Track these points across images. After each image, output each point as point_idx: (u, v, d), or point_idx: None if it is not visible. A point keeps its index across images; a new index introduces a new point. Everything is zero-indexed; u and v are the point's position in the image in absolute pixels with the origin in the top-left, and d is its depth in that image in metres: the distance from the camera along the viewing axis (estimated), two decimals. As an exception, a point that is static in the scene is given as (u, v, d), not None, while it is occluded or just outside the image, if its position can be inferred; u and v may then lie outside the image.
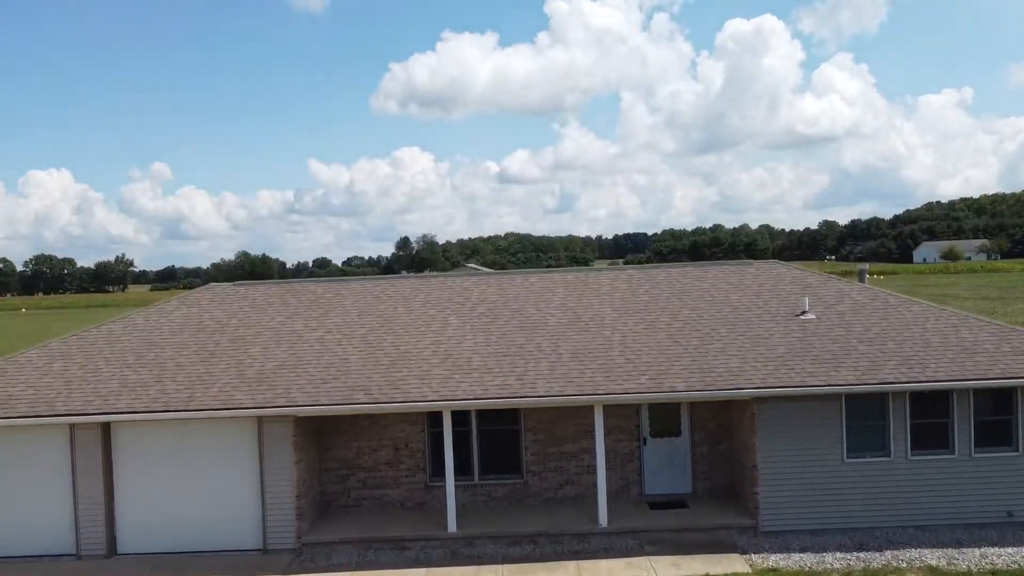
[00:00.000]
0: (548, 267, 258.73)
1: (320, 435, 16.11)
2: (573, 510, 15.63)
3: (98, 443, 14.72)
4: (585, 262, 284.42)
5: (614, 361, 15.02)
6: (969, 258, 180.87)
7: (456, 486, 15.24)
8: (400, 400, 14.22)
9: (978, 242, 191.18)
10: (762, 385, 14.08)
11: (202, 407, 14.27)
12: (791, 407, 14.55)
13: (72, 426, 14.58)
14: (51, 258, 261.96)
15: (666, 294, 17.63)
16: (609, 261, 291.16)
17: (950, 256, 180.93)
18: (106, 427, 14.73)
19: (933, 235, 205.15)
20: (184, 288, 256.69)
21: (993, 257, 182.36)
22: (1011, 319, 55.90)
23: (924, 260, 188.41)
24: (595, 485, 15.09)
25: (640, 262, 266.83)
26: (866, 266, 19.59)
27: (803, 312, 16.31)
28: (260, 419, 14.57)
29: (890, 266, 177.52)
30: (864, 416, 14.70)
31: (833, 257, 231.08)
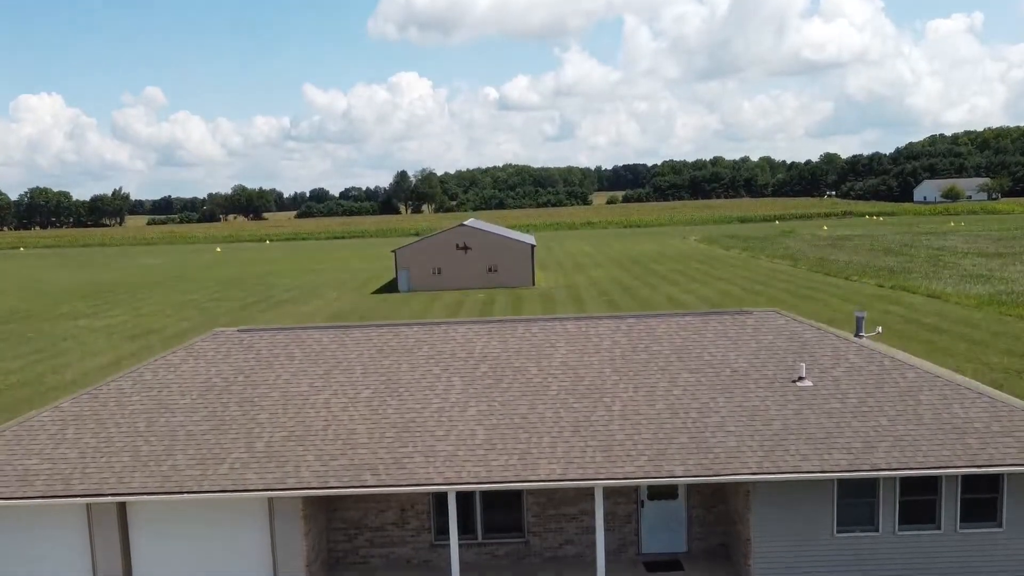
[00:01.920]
0: (547, 203, 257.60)
1: (329, 497, 16.62)
2: (573, 571, 16.28)
3: (114, 517, 15.25)
4: (584, 197, 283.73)
5: (614, 437, 15.42)
6: (970, 197, 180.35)
7: (460, 544, 15.89)
8: (406, 483, 14.66)
9: (979, 181, 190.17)
10: (758, 471, 14.51)
11: (214, 488, 14.71)
12: (785, 486, 15.03)
13: (89, 505, 15.07)
14: (47, 191, 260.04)
15: (666, 351, 17.91)
16: (608, 195, 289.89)
17: (951, 195, 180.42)
18: (122, 503, 15.22)
19: (935, 172, 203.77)
20: (181, 222, 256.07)
21: (994, 196, 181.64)
22: (1008, 285, 56.32)
23: (924, 199, 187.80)
24: (595, 545, 15.72)
25: (639, 198, 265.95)
26: (864, 313, 19.79)
27: (800, 378, 16.63)
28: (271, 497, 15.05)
29: (890, 206, 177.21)
30: (855, 493, 15.21)
31: (834, 193, 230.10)
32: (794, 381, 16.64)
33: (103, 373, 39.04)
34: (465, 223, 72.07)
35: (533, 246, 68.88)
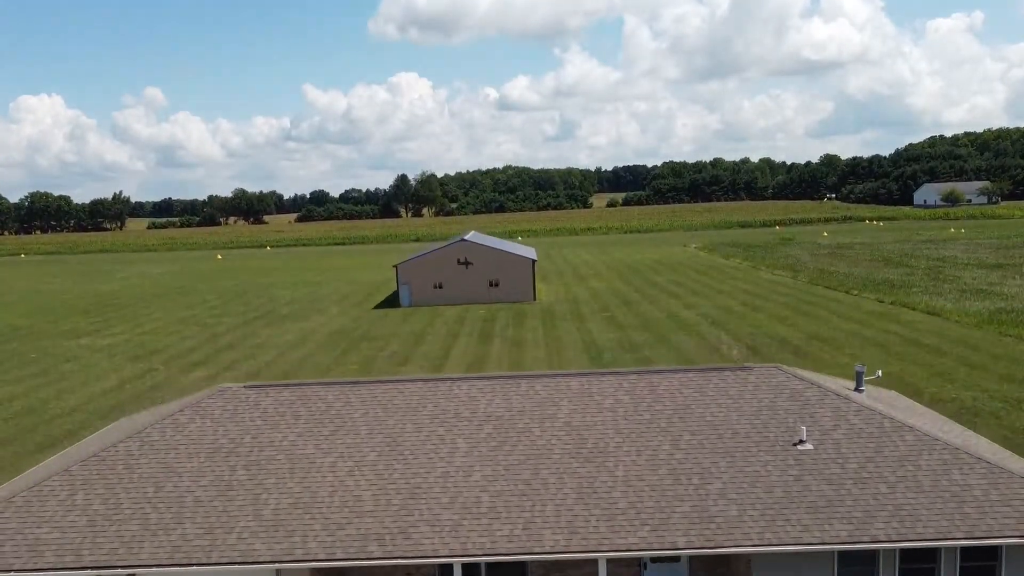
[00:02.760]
0: (547, 206, 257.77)
1: (334, 560, 16.81)
2: (576, 633, 16.47)
3: (124, 586, 15.42)
4: (584, 199, 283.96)
5: (617, 505, 15.60)
6: (970, 200, 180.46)
7: (465, 607, 16.06)
8: (412, 556, 14.85)
9: (979, 184, 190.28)
10: (759, 542, 14.69)
11: (222, 560, 14.90)
12: (786, 554, 15.21)
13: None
14: (47, 195, 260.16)
15: (668, 410, 18.09)
16: (608, 196, 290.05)
17: (951, 199, 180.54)
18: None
19: (935, 175, 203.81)
20: (182, 226, 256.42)
21: (994, 200, 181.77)
22: (1008, 302, 56.45)
23: (924, 202, 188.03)
24: (597, 607, 15.91)
25: (639, 200, 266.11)
26: (863, 367, 19.95)
27: (800, 441, 16.82)
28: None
29: (890, 210, 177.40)
30: (856, 562, 15.39)
31: (834, 196, 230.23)
32: (795, 444, 16.82)
33: (107, 398, 39.31)
34: (466, 237, 72.18)
35: (534, 261, 69.02)
